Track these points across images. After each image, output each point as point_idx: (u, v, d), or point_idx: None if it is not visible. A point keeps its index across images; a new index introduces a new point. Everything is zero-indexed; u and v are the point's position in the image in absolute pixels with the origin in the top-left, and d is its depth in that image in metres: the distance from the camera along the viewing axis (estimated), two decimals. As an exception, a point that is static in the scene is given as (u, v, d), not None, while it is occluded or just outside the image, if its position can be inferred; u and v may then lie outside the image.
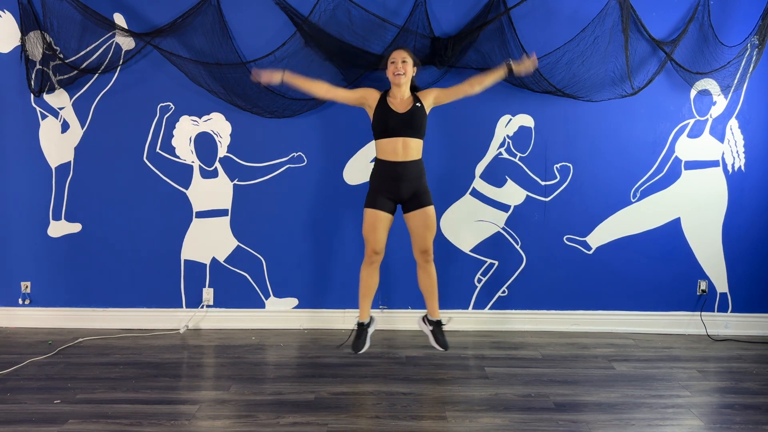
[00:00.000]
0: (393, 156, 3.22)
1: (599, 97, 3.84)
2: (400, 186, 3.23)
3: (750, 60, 3.80)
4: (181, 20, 3.73)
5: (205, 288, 4.01)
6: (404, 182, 3.23)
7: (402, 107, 3.23)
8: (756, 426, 2.68)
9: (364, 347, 3.33)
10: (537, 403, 2.88)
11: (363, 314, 3.37)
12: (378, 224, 3.24)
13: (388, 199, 3.26)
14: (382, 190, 3.26)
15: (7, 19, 3.82)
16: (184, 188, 3.95)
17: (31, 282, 4.01)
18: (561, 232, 3.98)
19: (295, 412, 2.75)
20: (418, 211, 3.25)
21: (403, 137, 3.21)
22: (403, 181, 3.23)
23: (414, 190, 3.26)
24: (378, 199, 3.25)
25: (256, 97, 3.79)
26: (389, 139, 3.22)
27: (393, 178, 3.23)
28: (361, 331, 3.36)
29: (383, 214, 3.25)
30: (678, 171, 3.95)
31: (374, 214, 3.25)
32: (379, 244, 3.26)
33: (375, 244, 3.25)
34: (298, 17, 3.71)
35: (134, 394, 2.94)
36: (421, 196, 3.27)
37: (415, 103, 3.25)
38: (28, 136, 3.90)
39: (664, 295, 4.01)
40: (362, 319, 3.37)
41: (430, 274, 3.34)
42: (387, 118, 3.22)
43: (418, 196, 3.26)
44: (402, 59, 3.23)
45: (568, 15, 3.78)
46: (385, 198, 3.25)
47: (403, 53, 3.26)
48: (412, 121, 3.21)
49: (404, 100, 3.26)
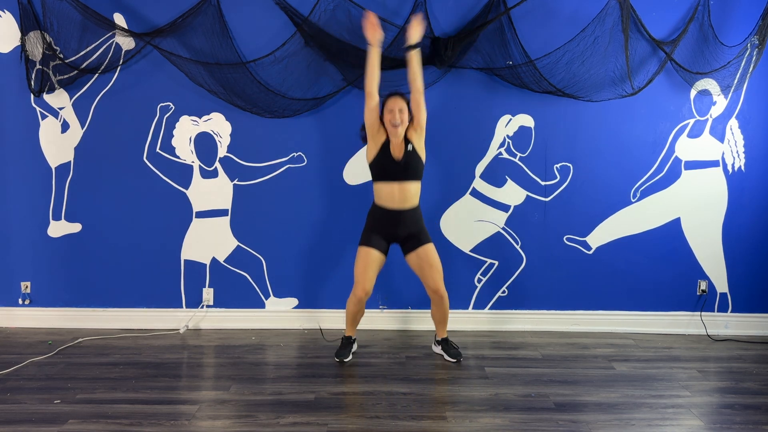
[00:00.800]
0: (390, 202, 3.30)
1: (599, 97, 3.84)
2: (396, 230, 3.33)
3: (750, 60, 3.80)
4: (181, 20, 3.73)
5: (205, 288, 4.01)
6: (401, 227, 3.33)
7: (398, 152, 3.29)
8: (756, 426, 2.68)
9: (347, 358, 3.43)
10: (537, 403, 2.88)
11: (349, 330, 3.52)
12: (370, 264, 3.31)
13: (382, 239, 3.33)
14: (377, 229, 3.33)
15: (7, 19, 3.82)
16: (184, 188, 3.95)
17: (31, 282, 4.01)
18: (561, 232, 3.98)
19: (295, 412, 2.75)
20: (416, 252, 3.33)
21: (400, 182, 3.28)
22: (400, 226, 3.32)
23: (410, 232, 3.33)
24: (372, 238, 3.33)
25: (256, 97, 3.79)
26: (387, 183, 3.29)
27: (390, 223, 3.32)
28: (347, 343, 3.51)
29: (377, 253, 3.31)
30: (678, 171, 3.95)
31: (367, 252, 3.31)
32: (369, 284, 3.32)
33: (365, 284, 3.30)
34: (298, 17, 3.71)
35: (134, 394, 2.94)
36: (419, 236, 3.34)
37: (406, 147, 3.29)
38: (28, 136, 3.90)
39: (664, 295, 4.01)
40: (349, 334, 3.53)
41: (443, 309, 3.42)
42: (387, 163, 3.28)
43: (416, 236, 3.34)
44: (399, 108, 3.25)
45: (568, 15, 3.78)
46: (380, 237, 3.33)
47: (400, 102, 3.28)
48: (408, 167, 3.28)
49: (399, 144, 3.30)
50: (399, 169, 3.28)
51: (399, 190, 3.29)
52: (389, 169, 3.28)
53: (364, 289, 3.30)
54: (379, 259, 3.33)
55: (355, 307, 3.38)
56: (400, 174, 3.28)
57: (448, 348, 3.48)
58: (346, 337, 3.52)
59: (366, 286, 3.30)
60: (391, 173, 3.28)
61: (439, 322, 3.48)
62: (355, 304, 3.36)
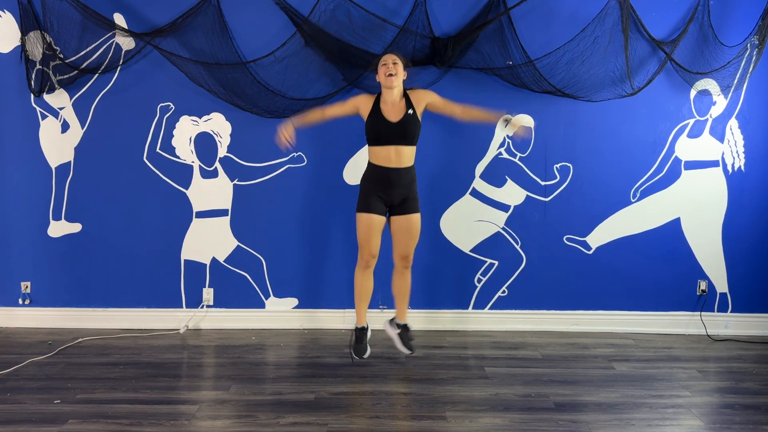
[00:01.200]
0: (386, 162, 3.23)
1: (599, 97, 3.84)
2: (392, 191, 3.24)
3: (750, 60, 3.80)
4: (181, 20, 3.73)
5: (205, 288, 4.01)
6: (396, 188, 3.24)
7: (394, 115, 3.21)
8: (756, 426, 2.68)
9: (366, 352, 3.33)
10: (537, 403, 2.88)
11: (360, 319, 3.38)
12: (373, 228, 3.24)
13: (380, 201, 3.26)
14: (373, 193, 3.25)
15: (7, 19, 3.82)
16: (184, 188, 3.95)
17: (31, 282, 4.01)
18: (561, 232, 3.98)
19: (295, 412, 2.75)
20: (404, 217, 3.27)
21: (396, 146, 3.21)
22: (395, 186, 3.24)
23: (404, 196, 3.27)
24: (371, 203, 3.25)
25: (256, 97, 3.79)
26: (382, 147, 3.22)
27: (385, 183, 3.24)
28: (361, 336, 3.36)
29: (377, 217, 3.24)
30: (678, 171, 3.95)
31: (368, 218, 3.24)
32: (375, 248, 3.26)
33: (371, 248, 3.25)
34: (298, 17, 3.71)
35: (134, 394, 2.94)
36: (410, 202, 3.28)
37: (407, 110, 3.22)
38: (28, 136, 3.90)
39: (664, 295, 4.01)
40: (360, 324, 3.38)
41: (407, 279, 3.37)
42: (380, 127, 3.20)
43: (407, 202, 3.27)
44: (393, 61, 3.21)
45: (568, 15, 3.78)
46: (377, 201, 3.25)
47: (393, 56, 3.25)
48: (406, 131, 3.20)
49: (396, 105, 3.23)
50: (395, 133, 3.18)
51: (395, 152, 3.20)
52: (383, 133, 3.19)
53: (371, 252, 3.23)
54: (380, 222, 3.25)
55: (362, 275, 3.29)
56: (395, 138, 3.19)
57: (405, 337, 3.37)
58: (359, 329, 3.36)
59: (372, 249, 3.23)
60: (385, 137, 3.19)
61: (403, 296, 3.37)
62: (362, 270, 3.28)
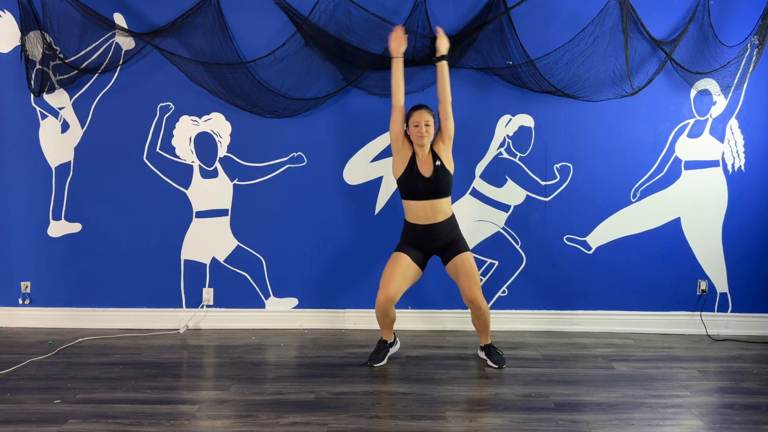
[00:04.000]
0: (423, 219, 3.23)
1: (599, 97, 3.84)
2: (433, 243, 3.26)
3: (750, 60, 3.80)
4: (181, 20, 3.73)
5: (205, 288, 4.01)
6: (437, 240, 3.25)
7: (426, 169, 3.21)
8: (756, 426, 2.68)
9: (381, 362, 3.33)
10: (537, 403, 2.88)
11: (385, 334, 3.39)
12: (399, 269, 3.19)
13: (418, 250, 3.25)
14: (412, 243, 3.26)
15: (7, 19, 3.82)
16: (184, 188, 3.95)
17: (31, 282, 4.01)
18: (561, 232, 3.98)
19: (295, 412, 2.75)
20: (455, 259, 3.23)
21: (432, 200, 3.20)
22: (436, 240, 3.25)
23: (447, 242, 3.26)
24: (406, 249, 3.26)
25: (256, 97, 3.79)
26: (418, 202, 3.22)
27: (426, 238, 3.25)
28: (381, 347, 3.38)
29: (408, 260, 3.21)
30: (678, 171, 3.94)
31: (398, 257, 3.22)
32: (393, 289, 3.16)
33: (388, 290, 3.15)
34: (298, 17, 3.71)
35: (134, 394, 2.94)
36: (456, 244, 3.26)
37: (434, 161, 3.22)
38: (28, 136, 3.90)
39: (664, 295, 4.01)
40: (386, 338, 3.39)
41: (483, 319, 3.29)
42: (415, 182, 3.20)
43: (453, 244, 3.26)
44: (425, 122, 3.19)
45: (568, 15, 3.78)
46: (415, 249, 3.25)
47: (425, 115, 3.21)
48: (439, 185, 3.20)
49: (426, 157, 3.24)
50: (429, 188, 3.19)
51: (431, 208, 3.21)
52: (419, 188, 3.20)
53: (386, 295, 3.16)
54: (409, 266, 3.21)
55: (379, 313, 3.25)
56: (430, 193, 3.20)
57: (491, 354, 3.37)
58: (381, 341, 3.39)
59: (389, 293, 3.15)
60: (421, 192, 3.20)
61: (481, 330, 3.37)
62: (379, 310, 3.24)
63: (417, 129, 3.20)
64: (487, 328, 3.36)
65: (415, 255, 3.24)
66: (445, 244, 3.26)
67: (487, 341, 3.41)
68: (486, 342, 3.41)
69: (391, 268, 3.21)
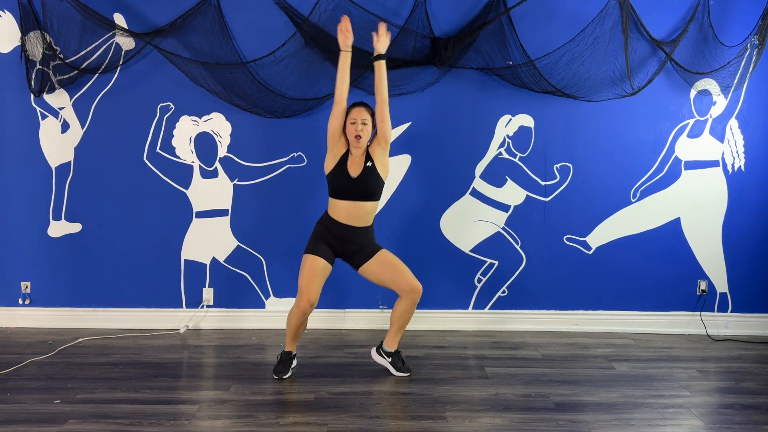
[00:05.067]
0: (345, 218, 3.10)
1: (599, 97, 3.84)
2: (345, 245, 3.13)
3: (750, 60, 3.80)
4: (181, 20, 3.73)
5: (205, 288, 4.01)
6: (350, 244, 3.13)
7: (355, 169, 3.08)
8: (756, 426, 2.68)
9: (287, 374, 3.16)
10: (537, 403, 2.88)
11: (289, 345, 3.22)
12: (316, 273, 3.07)
13: (330, 249, 3.13)
14: (326, 239, 3.13)
15: (7, 19, 3.82)
16: (184, 188, 3.95)
17: (31, 282, 4.01)
18: (561, 232, 3.98)
19: (295, 412, 2.75)
20: (372, 260, 3.12)
21: (355, 201, 3.08)
22: (350, 243, 3.13)
23: (359, 247, 3.14)
24: (320, 247, 3.12)
25: (256, 97, 3.79)
26: (342, 201, 3.09)
27: (339, 237, 3.12)
28: (286, 359, 3.21)
29: (323, 262, 3.09)
30: (678, 171, 3.95)
31: (314, 261, 3.08)
32: (314, 294, 3.07)
33: (310, 294, 3.05)
34: (298, 17, 3.71)
35: (134, 394, 2.94)
36: (369, 247, 3.14)
37: (366, 162, 3.09)
38: (28, 136, 3.90)
39: (664, 295, 4.01)
40: (289, 349, 3.22)
41: (413, 309, 3.16)
42: (342, 181, 3.08)
43: (363, 248, 3.14)
44: (362, 120, 3.07)
45: (568, 15, 3.78)
46: (327, 248, 3.13)
47: (364, 113, 3.09)
48: (365, 186, 3.07)
49: (359, 158, 3.10)
50: (355, 189, 3.06)
51: (354, 209, 3.08)
52: (344, 188, 3.07)
53: (309, 300, 3.05)
54: (325, 269, 3.10)
55: (297, 320, 3.10)
56: (355, 193, 3.06)
57: (398, 362, 3.22)
58: (286, 353, 3.21)
59: (311, 297, 3.05)
60: (346, 192, 3.07)
61: (401, 327, 3.19)
62: (298, 317, 3.09)
63: (353, 126, 3.06)
64: (404, 327, 3.20)
65: (327, 254, 3.11)
66: (356, 249, 3.14)
67: (394, 346, 3.23)
68: (394, 347, 3.24)
69: (310, 273, 3.07)
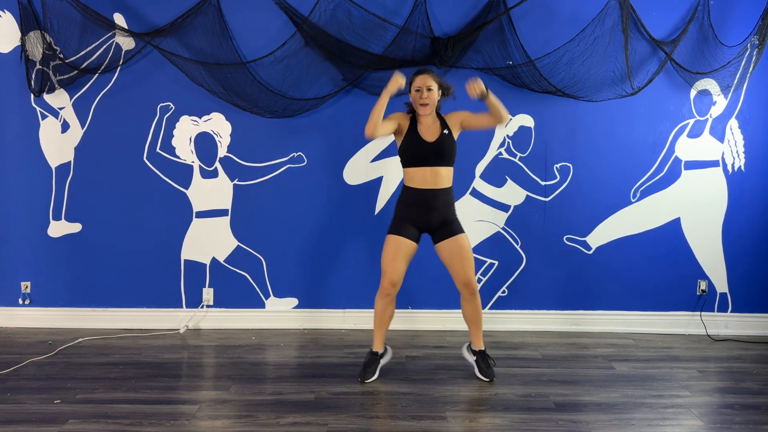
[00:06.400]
0: (422, 184, 3.07)
1: (599, 97, 3.84)
2: (429, 214, 3.08)
3: (750, 60, 3.80)
4: (181, 20, 3.73)
5: (205, 288, 4.01)
6: (434, 210, 3.08)
7: (430, 135, 3.07)
8: (756, 426, 2.68)
9: (372, 377, 3.12)
10: (537, 403, 2.88)
11: (377, 344, 3.19)
12: (400, 253, 3.05)
13: (414, 226, 3.10)
14: (408, 217, 3.10)
15: (7, 19, 3.82)
16: (184, 188, 3.95)
17: (31, 282, 4.01)
18: (561, 232, 3.98)
19: (295, 412, 2.75)
20: (450, 240, 3.08)
21: (432, 167, 3.06)
22: (433, 209, 3.07)
23: (443, 219, 3.10)
24: (403, 227, 3.08)
25: (256, 97, 3.79)
26: (418, 168, 3.07)
27: (422, 205, 3.07)
28: (372, 360, 3.16)
29: (407, 242, 3.07)
30: (678, 171, 3.95)
31: (397, 241, 3.05)
32: (398, 274, 3.05)
33: (393, 274, 3.04)
34: (298, 17, 3.71)
35: (134, 394, 2.94)
36: (451, 224, 3.10)
37: (443, 130, 3.09)
38: (28, 136, 3.90)
39: (664, 295, 4.01)
40: (376, 348, 3.19)
41: (475, 306, 3.15)
42: (417, 147, 3.06)
43: (448, 225, 3.10)
44: (427, 86, 3.05)
45: (568, 15, 3.78)
46: (411, 226, 3.10)
47: (428, 80, 3.07)
48: (443, 152, 3.06)
49: (431, 126, 3.10)
50: (432, 153, 3.04)
51: (431, 174, 3.05)
52: (419, 154, 3.04)
53: (391, 280, 3.04)
54: (410, 247, 3.07)
55: (382, 302, 3.09)
56: (433, 157, 3.04)
57: (482, 364, 3.16)
58: (372, 353, 3.17)
59: (393, 277, 3.04)
60: (422, 158, 3.04)
61: (473, 323, 3.17)
62: (382, 298, 3.08)
63: (418, 94, 3.05)
64: (480, 320, 3.18)
65: (411, 233, 3.10)
66: (441, 220, 3.09)
67: (479, 345, 3.20)
68: (479, 346, 3.20)
69: (393, 252, 3.05)
